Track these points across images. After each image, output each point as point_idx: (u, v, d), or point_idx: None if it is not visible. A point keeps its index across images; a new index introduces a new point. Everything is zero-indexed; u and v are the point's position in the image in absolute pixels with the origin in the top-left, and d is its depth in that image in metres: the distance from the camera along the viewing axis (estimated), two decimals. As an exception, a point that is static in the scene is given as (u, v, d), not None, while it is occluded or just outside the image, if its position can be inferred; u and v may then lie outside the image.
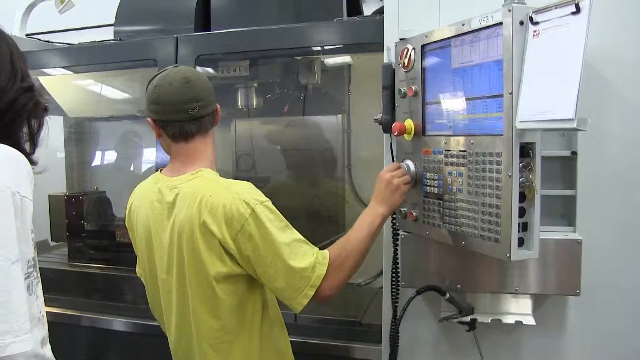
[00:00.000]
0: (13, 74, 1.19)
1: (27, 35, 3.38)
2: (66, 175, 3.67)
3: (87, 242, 3.11)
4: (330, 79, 3.19)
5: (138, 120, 3.33)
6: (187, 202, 1.61)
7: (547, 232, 1.75)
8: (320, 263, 1.60)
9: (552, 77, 1.33)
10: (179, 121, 1.67)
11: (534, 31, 1.38)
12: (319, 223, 3.18)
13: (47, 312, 2.64)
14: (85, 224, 3.12)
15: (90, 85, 3.37)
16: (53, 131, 3.59)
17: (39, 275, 1.19)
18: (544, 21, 1.36)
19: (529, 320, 1.82)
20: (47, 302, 2.70)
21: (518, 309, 1.86)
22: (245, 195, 1.58)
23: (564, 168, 1.84)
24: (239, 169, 3.43)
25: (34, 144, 1.25)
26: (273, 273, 1.57)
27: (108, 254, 3.02)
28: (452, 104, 1.64)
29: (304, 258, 1.59)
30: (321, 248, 1.67)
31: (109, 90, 3.29)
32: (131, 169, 3.67)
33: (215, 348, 1.65)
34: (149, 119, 1.72)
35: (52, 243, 3.35)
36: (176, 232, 1.63)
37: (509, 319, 1.84)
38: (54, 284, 2.97)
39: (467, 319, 1.87)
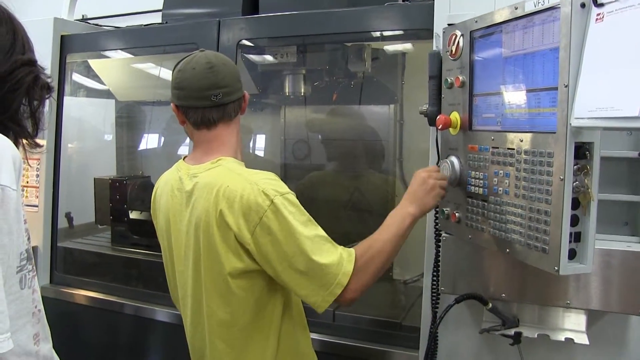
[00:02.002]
0: (12, 46, 1.14)
1: (82, 19, 3.39)
2: (117, 159, 3.68)
3: (129, 227, 3.08)
4: (382, 67, 3.07)
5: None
6: (204, 193, 1.54)
7: (607, 241, 1.59)
8: (347, 260, 1.49)
9: (617, 67, 1.16)
10: (201, 108, 1.59)
11: (598, 14, 1.20)
12: (366, 217, 3.07)
13: (87, 296, 2.73)
14: (128, 208, 3.09)
15: (137, 70, 3.35)
16: (105, 115, 3.68)
17: (34, 268, 1.14)
18: (610, 2, 1.18)
19: (582, 339, 1.65)
20: (86, 286, 2.78)
21: (570, 325, 1.69)
22: (264, 186, 1.48)
23: (630, 170, 1.66)
24: (287, 155, 3.35)
25: (37, 125, 1.19)
26: (294, 270, 1.47)
27: (150, 240, 2.98)
28: (501, 96, 1.48)
29: (329, 254, 1.48)
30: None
31: (156, 75, 3.25)
32: (178, 153, 3.65)
33: (229, 343, 1.58)
34: (172, 104, 1.65)
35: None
36: (193, 223, 1.56)
37: (559, 336, 1.67)
38: (93, 268, 2.99)
39: (511, 331, 1.71)
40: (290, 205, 1.49)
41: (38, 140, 1.21)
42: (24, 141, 1.18)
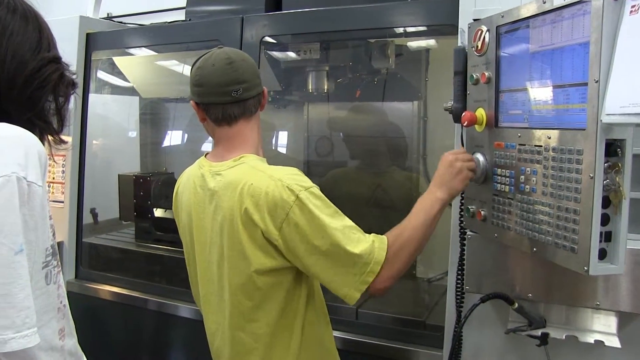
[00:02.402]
0: (39, 43, 1.14)
1: (107, 17, 3.42)
2: (140, 155, 3.70)
3: (153, 223, 3.09)
4: (406, 64, 3.04)
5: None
6: (228, 191, 1.53)
7: (638, 241, 1.53)
8: (378, 248, 1.47)
9: (651, 62, 1.12)
10: (221, 104, 1.59)
11: (633, 6, 1.16)
12: (389, 215, 3.04)
13: (111, 292, 2.75)
14: (152, 204, 3.10)
15: (161, 67, 3.37)
16: (129, 112, 3.71)
17: (59, 263, 1.15)
18: (645, -7, 1.15)
19: (613, 342, 1.60)
20: (110, 281, 2.80)
21: (599, 327, 1.64)
22: (289, 181, 1.48)
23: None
24: (310, 152, 3.34)
25: (62, 121, 1.19)
26: (325, 262, 1.46)
27: (173, 236, 2.99)
28: (528, 92, 1.45)
29: (360, 243, 1.46)
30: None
31: (180, 72, 3.26)
32: (201, 149, 3.66)
33: (255, 339, 1.57)
34: (191, 102, 1.65)
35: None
36: (218, 221, 1.56)
37: (588, 338, 1.63)
38: (117, 264, 3.01)
39: (538, 332, 1.68)
40: (315, 198, 1.48)
41: (63, 137, 1.21)
42: (50, 137, 1.18)
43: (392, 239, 1.51)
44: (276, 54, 2.96)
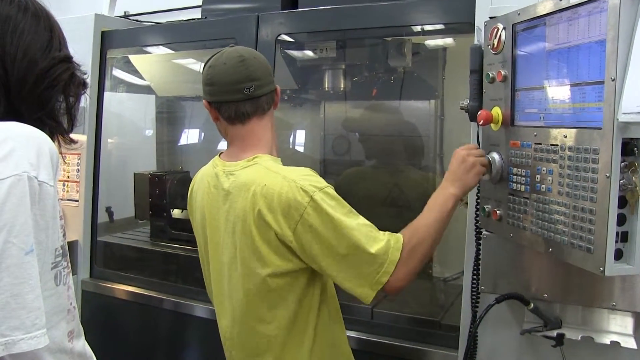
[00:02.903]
0: (50, 42, 1.14)
1: (124, 15, 3.45)
2: (157, 154, 3.73)
3: (168, 222, 3.12)
4: (423, 62, 3.03)
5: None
6: (242, 192, 1.54)
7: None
8: (393, 247, 1.47)
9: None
10: (234, 102, 1.59)
11: (650, 4, 1.16)
12: (405, 214, 3.04)
13: (126, 291, 2.77)
14: (167, 203, 3.12)
15: (177, 65, 3.39)
16: (145, 110, 3.74)
17: (69, 264, 1.13)
18: (662, -9, 1.14)
19: (629, 343, 1.59)
20: (126, 280, 2.82)
21: (615, 328, 1.63)
22: (302, 182, 1.48)
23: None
24: (326, 151, 3.34)
25: (72, 121, 1.20)
26: (340, 262, 1.47)
27: (189, 235, 3.01)
28: (544, 91, 1.45)
29: (376, 242, 1.47)
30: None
31: (196, 70, 3.28)
32: (218, 148, 3.67)
33: (268, 340, 1.58)
34: (204, 101, 1.66)
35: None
36: (231, 222, 1.57)
37: (604, 338, 1.62)
38: (133, 263, 3.03)
39: (554, 333, 1.67)
40: (329, 199, 1.48)
41: (73, 136, 1.22)
42: (60, 137, 1.18)
43: (407, 237, 1.51)
44: (292, 52, 2.97)
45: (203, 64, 1.68)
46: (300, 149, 3.51)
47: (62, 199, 2.92)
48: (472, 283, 1.81)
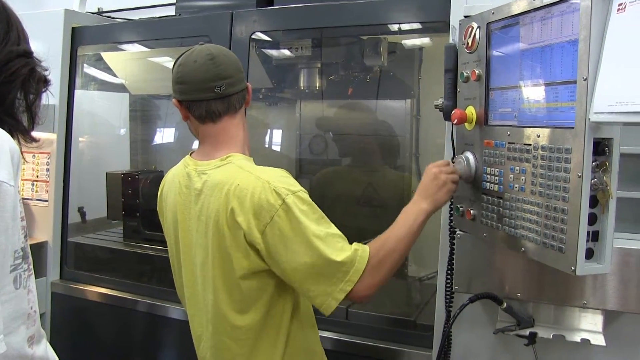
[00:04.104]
0: (6, 35, 1.11)
1: (98, 12, 3.40)
2: (130, 153, 3.69)
3: (142, 222, 3.08)
4: (399, 61, 3.04)
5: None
6: (214, 192, 1.52)
7: (627, 240, 1.55)
8: (360, 257, 1.46)
9: (637, 63, 1.12)
10: (205, 100, 1.57)
11: (620, 4, 1.17)
12: (380, 214, 3.04)
13: (98, 292, 2.73)
14: (140, 203, 3.09)
15: (151, 63, 3.35)
16: (119, 109, 3.69)
17: (31, 267, 1.10)
18: (632, -8, 1.15)
19: (599, 340, 1.62)
20: (97, 282, 2.78)
21: (586, 326, 1.66)
22: (276, 184, 1.46)
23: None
24: (302, 151, 3.33)
25: (32, 119, 1.16)
26: (304, 269, 1.45)
27: (162, 235, 2.99)
28: (518, 90, 1.46)
29: (342, 252, 1.45)
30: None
31: (171, 68, 3.25)
32: (192, 147, 3.64)
33: (240, 344, 1.57)
34: (174, 100, 1.64)
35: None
36: (203, 223, 1.55)
37: (575, 336, 1.65)
38: (105, 264, 2.99)
39: (526, 332, 1.69)
40: (302, 203, 1.47)
41: (36, 135, 1.18)
42: (20, 135, 1.15)
43: (375, 250, 1.50)
44: (267, 50, 2.95)
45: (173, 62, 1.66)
46: (276, 148, 3.50)
47: (30, 199, 2.87)
48: (446, 283, 1.82)
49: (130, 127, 3.73)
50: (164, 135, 3.79)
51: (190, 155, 1.70)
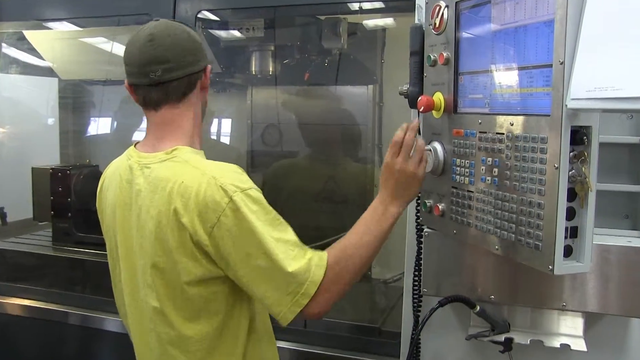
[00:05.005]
0: None
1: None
2: (60, 145, 3.61)
3: (74, 223, 3.02)
4: (360, 44, 3.06)
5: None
6: (157, 189, 1.49)
7: (606, 236, 1.59)
8: (317, 266, 1.44)
9: (618, 42, 1.14)
10: (143, 86, 1.55)
11: (598, -19, 1.19)
12: (342, 210, 3.05)
13: (21, 305, 2.65)
14: (73, 201, 3.03)
15: (85, 44, 3.28)
16: (47, 95, 3.61)
17: None
18: (611, -31, 1.17)
19: (579, 345, 1.65)
20: (21, 293, 2.70)
21: (565, 330, 1.69)
22: (223, 180, 1.44)
23: (631, 158, 1.66)
24: (254, 141, 3.32)
25: None
26: (257, 275, 1.43)
27: (98, 238, 2.93)
28: (490, 75, 1.46)
29: (296, 260, 1.43)
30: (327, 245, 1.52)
31: (107, 50, 3.19)
32: (133, 139, 3.59)
33: (189, 356, 1.54)
34: (125, 81, 1.61)
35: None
36: (144, 222, 1.52)
37: (554, 341, 1.68)
38: (30, 272, 2.92)
39: (502, 337, 1.71)
40: (252, 202, 1.44)
41: None
42: None
43: (334, 258, 1.48)
44: (215, 31, 2.93)
45: (124, 44, 1.62)
46: (225, 139, 3.47)
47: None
48: (413, 285, 1.83)
49: (60, 116, 3.65)
50: (100, 126, 3.73)
51: (134, 146, 1.67)
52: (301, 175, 3.09)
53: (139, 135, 3.39)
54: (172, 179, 1.47)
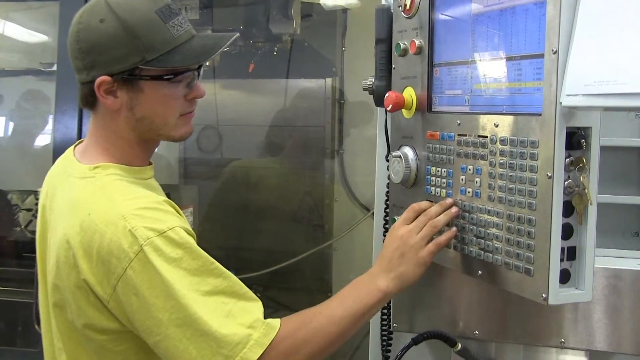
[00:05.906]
0: None
1: None
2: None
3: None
4: (316, 28, 3.07)
5: (44, 77, 3.18)
6: (68, 213, 1.45)
7: (613, 258, 1.62)
8: (260, 335, 1.34)
9: (621, 31, 1.17)
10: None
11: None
12: (296, 229, 3.06)
13: None
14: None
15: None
16: None
17: None
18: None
19: (584, 389, 1.68)
20: None
21: (566, 371, 1.71)
22: (135, 221, 1.35)
23: (640, 164, 1.70)
24: (187, 147, 3.30)
25: None
26: (173, 344, 1.33)
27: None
28: (470, 66, 1.49)
29: (230, 318, 1.34)
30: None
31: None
32: (34, 145, 3.54)
33: None
34: None
35: None
36: (51, 244, 1.50)
37: (551, 386, 1.70)
38: None
39: (488, 382, 1.73)
40: (173, 247, 1.35)
41: None
42: None
43: (290, 329, 1.38)
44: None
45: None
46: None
47: None
48: (381, 320, 1.84)
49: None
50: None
51: (74, 147, 1.64)
52: (242, 188, 3.09)
53: (41, 139, 3.36)
54: (83, 205, 1.43)
